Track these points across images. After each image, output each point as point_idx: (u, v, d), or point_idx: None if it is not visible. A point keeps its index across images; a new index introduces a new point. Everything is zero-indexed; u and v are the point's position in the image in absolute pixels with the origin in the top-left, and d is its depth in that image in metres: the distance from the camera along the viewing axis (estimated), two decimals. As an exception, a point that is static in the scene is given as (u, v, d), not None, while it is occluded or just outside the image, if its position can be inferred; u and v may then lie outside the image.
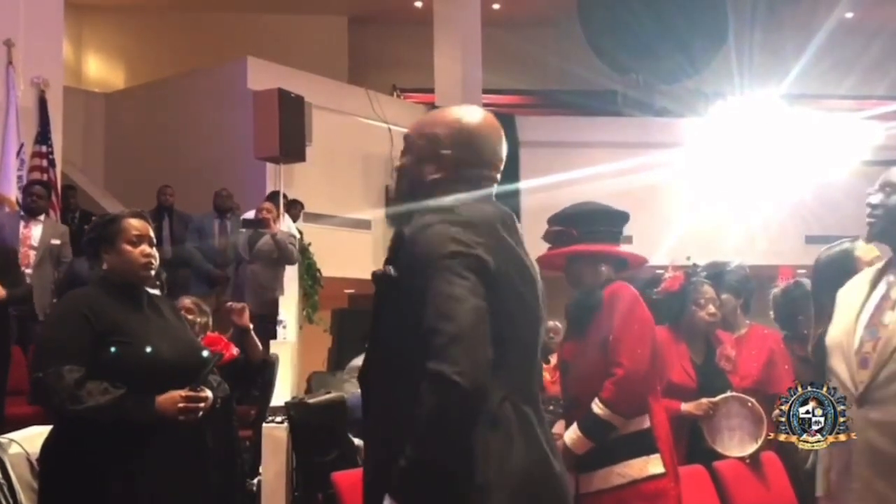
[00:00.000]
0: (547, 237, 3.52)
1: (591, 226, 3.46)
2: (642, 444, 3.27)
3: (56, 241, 6.90)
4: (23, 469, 3.77)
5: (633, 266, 3.57)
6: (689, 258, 4.60)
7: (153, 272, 3.04)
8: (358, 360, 6.76)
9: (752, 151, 11.70)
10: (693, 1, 13.15)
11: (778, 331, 4.64)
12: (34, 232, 6.87)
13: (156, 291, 3.26)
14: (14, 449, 3.83)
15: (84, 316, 2.87)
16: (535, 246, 3.39)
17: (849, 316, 2.76)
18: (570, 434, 3.27)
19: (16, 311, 6.04)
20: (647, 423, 3.30)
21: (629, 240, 3.85)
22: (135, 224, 3.05)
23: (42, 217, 7.06)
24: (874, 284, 2.77)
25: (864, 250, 3.46)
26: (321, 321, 9.99)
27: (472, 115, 2.18)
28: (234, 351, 4.34)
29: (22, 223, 6.87)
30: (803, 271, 6.46)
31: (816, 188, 11.50)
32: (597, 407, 3.24)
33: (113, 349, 2.85)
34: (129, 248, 2.99)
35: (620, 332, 3.28)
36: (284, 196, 8.94)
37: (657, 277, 4.22)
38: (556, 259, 3.53)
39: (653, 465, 3.24)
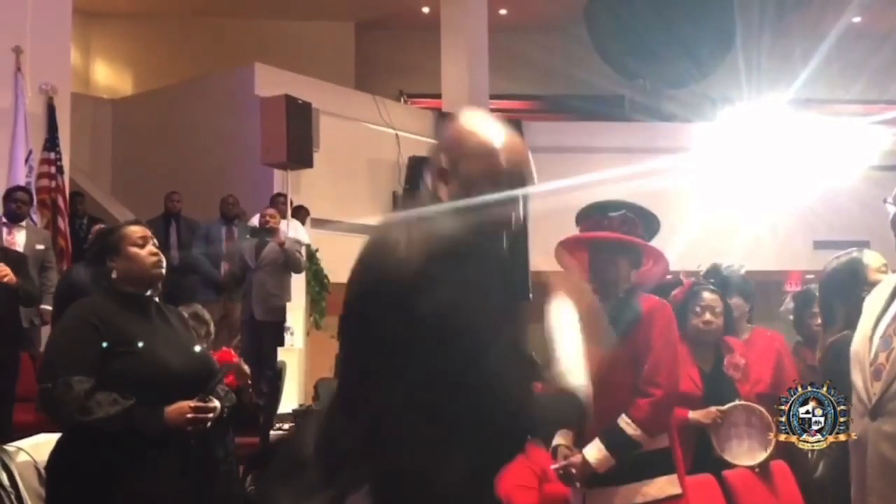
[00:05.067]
0: (613, 223, 3.42)
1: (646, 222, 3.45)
2: (662, 463, 3.24)
3: (40, 247, 6.84)
4: (30, 477, 3.75)
5: (650, 275, 3.51)
6: (699, 266, 4.58)
7: (163, 271, 3.04)
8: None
9: (759, 156, 11.66)
10: (700, 5, 13.13)
11: (779, 333, 4.64)
12: (18, 238, 6.79)
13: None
14: (22, 457, 3.81)
15: (93, 326, 2.87)
16: (545, 250, 3.37)
17: (867, 325, 2.73)
18: (594, 452, 3.19)
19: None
20: (666, 442, 3.28)
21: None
22: (135, 229, 3.06)
23: (24, 223, 6.98)
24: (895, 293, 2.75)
25: (872, 258, 3.46)
26: (329, 327, 9.98)
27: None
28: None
29: (5, 230, 6.76)
30: (811, 276, 6.45)
31: (824, 193, 11.46)
32: (627, 426, 3.19)
33: (121, 360, 2.86)
34: (135, 250, 3.00)
35: (661, 353, 3.24)
36: (290, 202, 8.94)
37: (672, 283, 4.20)
38: (576, 248, 3.47)
39: (672, 485, 3.21)
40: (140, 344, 2.90)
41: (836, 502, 3.24)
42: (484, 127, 1.86)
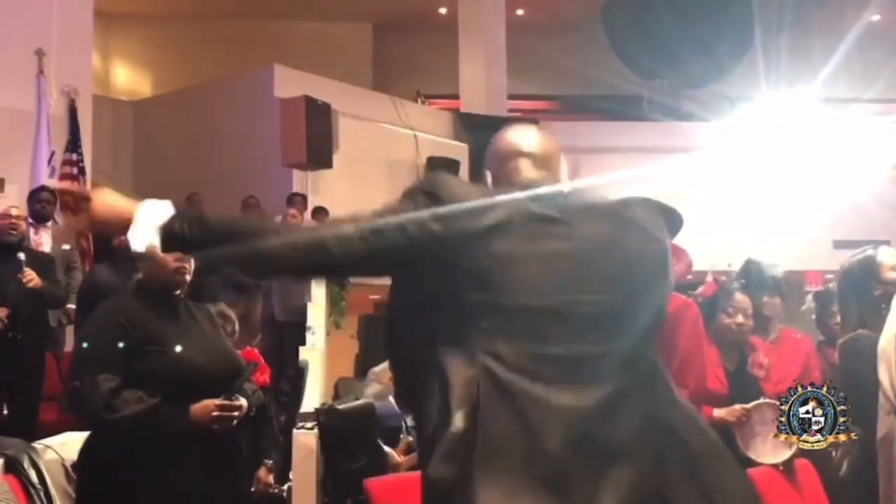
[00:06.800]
0: None
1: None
2: None
3: (66, 247, 6.88)
4: (58, 474, 3.81)
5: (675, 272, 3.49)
6: (730, 265, 4.58)
7: (187, 277, 3.07)
8: (380, 367, 6.78)
9: (779, 156, 11.62)
10: (719, 4, 13.09)
11: (807, 335, 4.64)
12: (44, 238, 6.84)
13: None
14: (49, 455, 3.87)
15: (120, 325, 2.90)
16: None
17: (893, 324, 2.73)
18: None
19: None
20: None
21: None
22: None
23: (49, 223, 7.02)
24: None
25: (887, 255, 3.46)
26: (348, 327, 10.01)
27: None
28: (266, 377, 4.35)
29: (31, 230, 6.76)
30: (831, 276, 6.44)
31: (844, 192, 11.40)
32: None
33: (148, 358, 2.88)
34: (161, 255, 3.02)
35: (688, 354, 3.24)
36: (304, 198, 8.96)
37: (693, 282, 4.19)
38: None
39: None
40: (167, 343, 2.93)
41: (861, 500, 3.23)
42: None
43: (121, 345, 2.89)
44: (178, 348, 2.93)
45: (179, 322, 3.03)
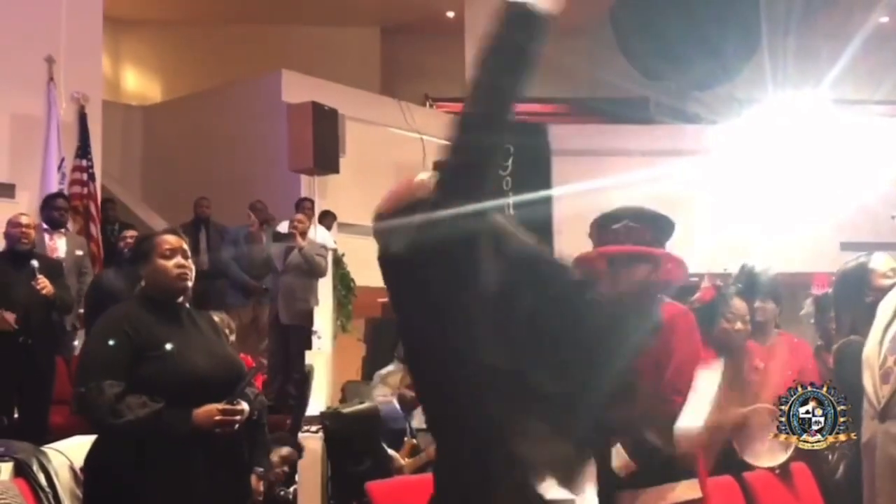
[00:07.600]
0: (619, 234, 3.40)
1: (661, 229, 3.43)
2: (684, 468, 3.26)
3: (79, 253, 6.95)
4: (66, 477, 3.86)
5: (673, 277, 3.51)
6: (725, 269, 4.58)
7: (189, 283, 3.13)
8: (386, 369, 6.83)
9: (786, 157, 11.62)
10: (726, 6, 13.09)
11: (805, 339, 4.66)
12: (59, 244, 6.88)
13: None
14: (58, 458, 3.92)
15: (124, 332, 2.96)
16: (571, 251, 3.38)
17: (878, 330, 2.77)
18: (616, 458, 3.23)
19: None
20: None
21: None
22: (167, 239, 3.14)
23: (64, 230, 7.07)
24: None
25: (880, 262, 3.49)
26: (355, 330, 10.07)
27: None
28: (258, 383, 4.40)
29: (46, 236, 6.80)
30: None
31: (851, 194, 11.39)
32: (650, 433, 3.22)
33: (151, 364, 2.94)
34: (162, 261, 3.08)
35: (684, 361, 3.24)
36: (312, 204, 9.01)
37: (694, 285, 4.21)
38: (597, 261, 3.49)
39: (693, 489, 3.23)
40: (170, 348, 2.98)
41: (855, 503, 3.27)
42: None
43: (125, 350, 2.95)
44: (181, 354, 2.99)
45: (182, 328, 3.08)
